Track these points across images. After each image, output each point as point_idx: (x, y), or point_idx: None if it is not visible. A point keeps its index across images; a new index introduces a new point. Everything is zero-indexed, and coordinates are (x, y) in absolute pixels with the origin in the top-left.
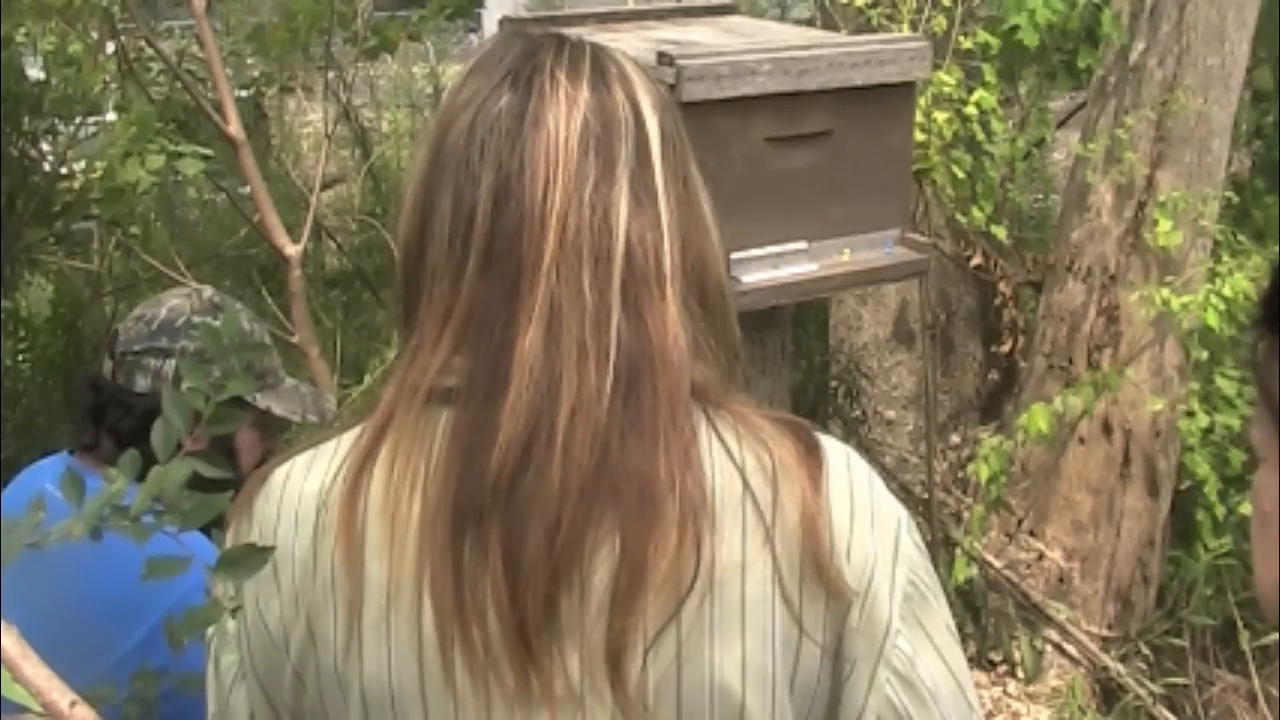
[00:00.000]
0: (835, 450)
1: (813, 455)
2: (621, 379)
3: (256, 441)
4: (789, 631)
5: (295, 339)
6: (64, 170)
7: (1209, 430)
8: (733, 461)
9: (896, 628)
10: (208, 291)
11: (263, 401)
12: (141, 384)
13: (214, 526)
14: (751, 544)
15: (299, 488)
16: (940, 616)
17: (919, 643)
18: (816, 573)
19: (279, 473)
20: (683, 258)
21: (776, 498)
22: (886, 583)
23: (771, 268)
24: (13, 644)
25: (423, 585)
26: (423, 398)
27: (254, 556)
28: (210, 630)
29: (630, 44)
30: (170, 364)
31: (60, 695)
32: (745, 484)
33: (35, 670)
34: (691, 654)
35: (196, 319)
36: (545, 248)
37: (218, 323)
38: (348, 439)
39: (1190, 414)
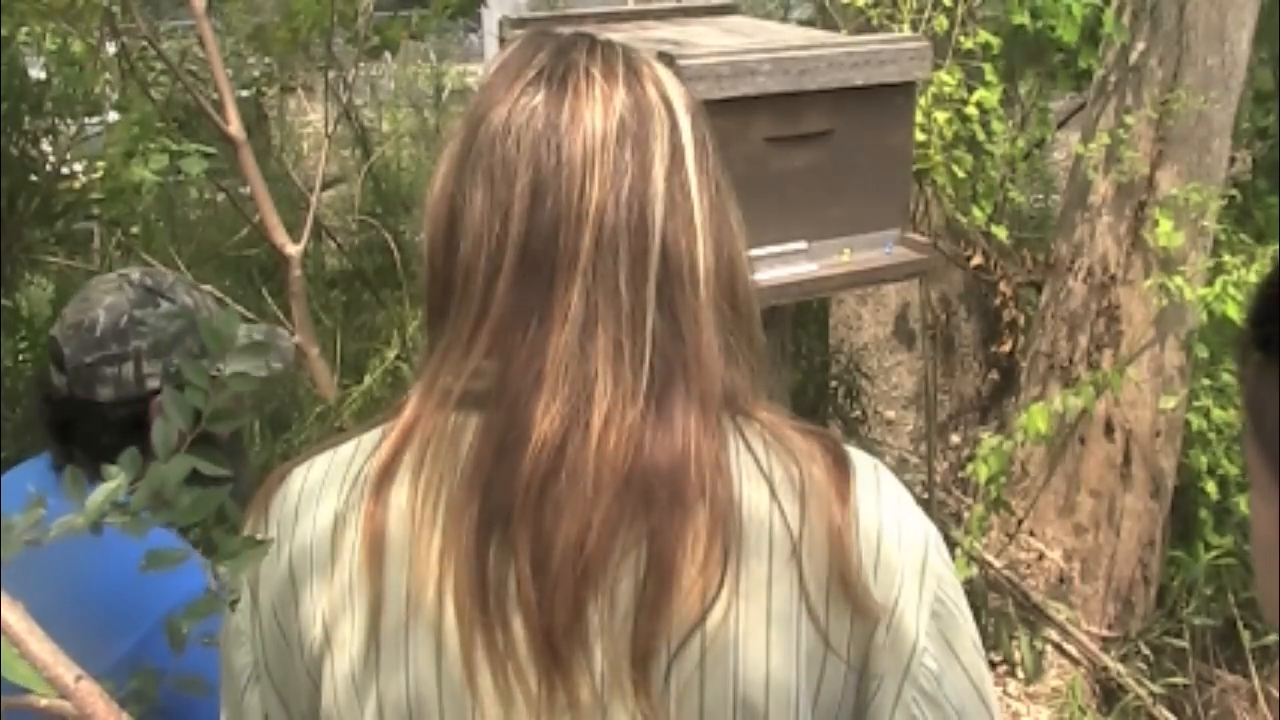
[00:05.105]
0: (864, 465)
1: (841, 469)
2: (656, 380)
3: None
4: (814, 647)
5: (295, 339)
6: (64, 170)
7: (1219, 430)
8: (761, 472)
9: (923, 646)
10: (135, 275)
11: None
12: (105, 394)
13: (212, 523)
14: (778, 558)
15: (317, 488)
16: (967, 634)
17: (945, 661)
18: (843, 589)
19: (298, 472)
20: (715, 259)
21: (804, 512)
22: (913, 600)
23: (771, 268)
24: (18, 620)
25: (445, 588)
26: (454, 400)
27: (254, 549)
28: (217, 631)
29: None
30: (129, 367)
31: (65, 670)
32: (773, 496)
33: (40, 646)
34: (715, 665)
35: (138, 313)
36: (582, 246)
37: (169, 306)
38: (368, 440)
39: (1204, 409)
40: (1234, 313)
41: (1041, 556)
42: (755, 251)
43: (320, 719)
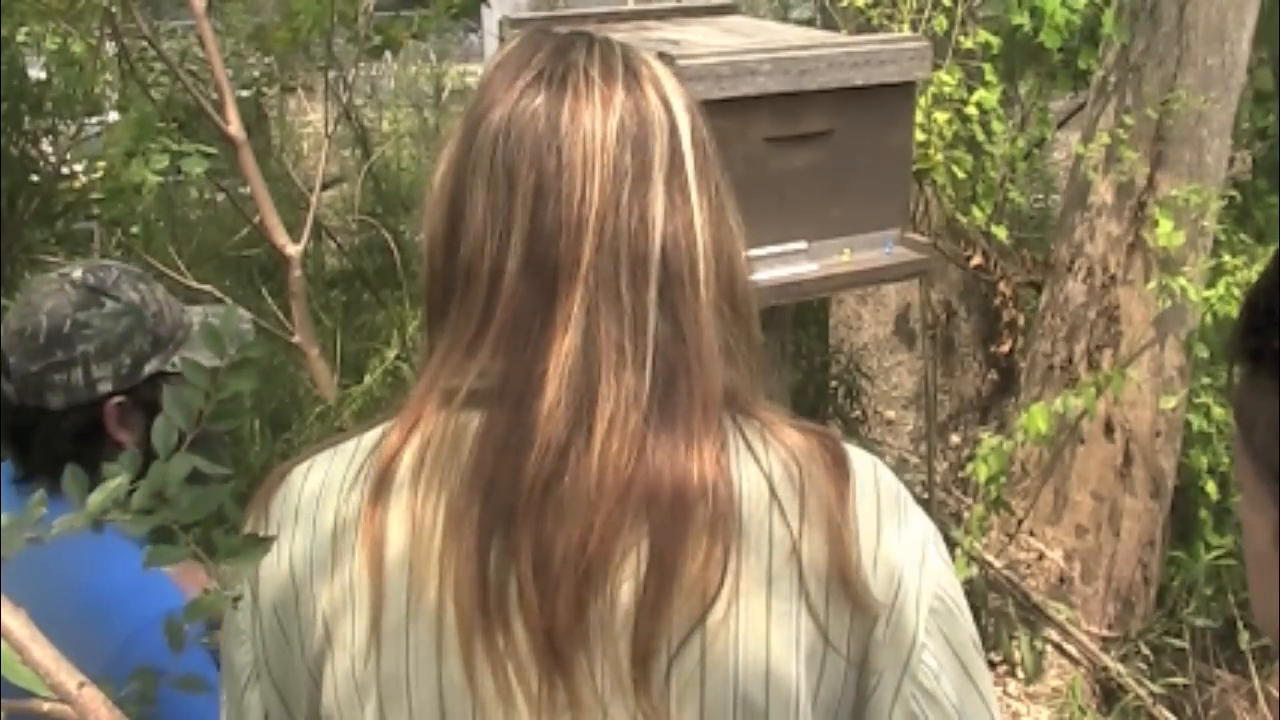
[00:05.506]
0: (863, 462)
1: (840, 467)
2: (658, 382)
3: None
4: (814, 644)
5: (295, 339)
6: (64, 170)
7: (1219, 429)
8: (761, 471)
9: (922, 642)
10: (76, 273)
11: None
12: (56, 402)
13: (212, 523)
14: (778, 556)
15: (318, 487)
16: (966, 631)
17: (944, 658)
18: (842, 586)
19: (298, 471)
20: (715, 261)
21: (803, 510)
22: (913, 597)
23: (771, 268)
24: (21, 626)
25: (446, 589)
26: (459, 401)
27: (256, 547)
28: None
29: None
30: (77, 373)
31: (68, 677)
32: (773, 494)
33: (43, 652)
34: (716, 663)
35: (81, 316)
36: (583, 250)
37: (114, 305)
38: (369, 440)
39: (1204, 407)
40: (1235, 313)
41: (1041, 556)
42: (755, 251)
43: (321, 718)
